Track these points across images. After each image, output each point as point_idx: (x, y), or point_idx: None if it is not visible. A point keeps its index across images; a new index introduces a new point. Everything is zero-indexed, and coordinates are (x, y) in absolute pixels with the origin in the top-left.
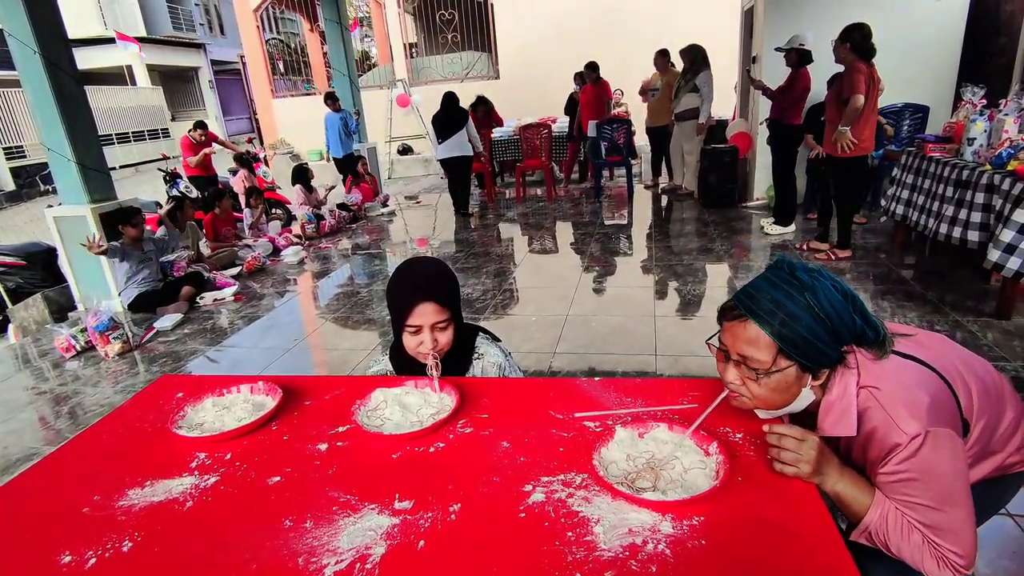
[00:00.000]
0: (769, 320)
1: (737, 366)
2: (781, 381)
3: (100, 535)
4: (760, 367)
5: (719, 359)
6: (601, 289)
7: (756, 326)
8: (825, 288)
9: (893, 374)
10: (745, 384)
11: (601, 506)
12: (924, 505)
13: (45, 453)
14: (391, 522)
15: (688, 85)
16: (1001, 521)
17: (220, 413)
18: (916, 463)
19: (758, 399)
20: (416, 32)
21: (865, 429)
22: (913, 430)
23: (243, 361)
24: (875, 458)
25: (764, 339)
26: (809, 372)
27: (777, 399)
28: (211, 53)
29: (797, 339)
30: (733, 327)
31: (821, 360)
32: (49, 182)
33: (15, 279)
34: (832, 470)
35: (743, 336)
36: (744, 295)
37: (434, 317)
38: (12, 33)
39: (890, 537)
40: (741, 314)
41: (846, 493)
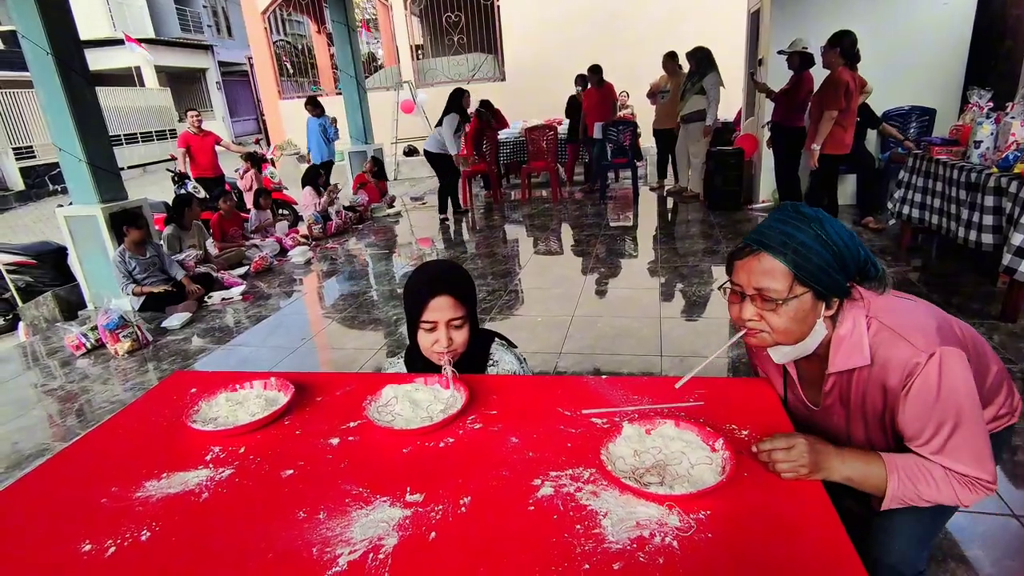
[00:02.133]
0: (782, 250)
1: (753, 301)
2: (798, 309)
3: (119, 525)
4: (778, 295)
5: (733, 301)
6: (607, 290)
7: (770, 257)
8: (831, 221)
9: (898, 304)
10: (763, 319)
11: (609, 500)
12: (948, 428)
13: (56, 450)
14: (403, 514)
15: (695, 87)
16: (1006, 522)
17: (234, 408)
18: (937, 381)
19: (777, 331)
20: (422, 34)
21: (881, 358)
22: (929, 348)
23: (251, 360)
24: (896, 385)
25: (779, 268)
26: (823, 300)
27: (795, 328)
28: (219, 54)
29: (810, 265)
30: (747, 263)
31: (833, 287)
32: (58, 182)
33: (25, 278)
34: (832, 460)
35: (758, 269)
36: (755, 234)
37: (450, 313)
38: (26, 35)
39: (920, 490)
40: (755, 249)
41: (856, 474)
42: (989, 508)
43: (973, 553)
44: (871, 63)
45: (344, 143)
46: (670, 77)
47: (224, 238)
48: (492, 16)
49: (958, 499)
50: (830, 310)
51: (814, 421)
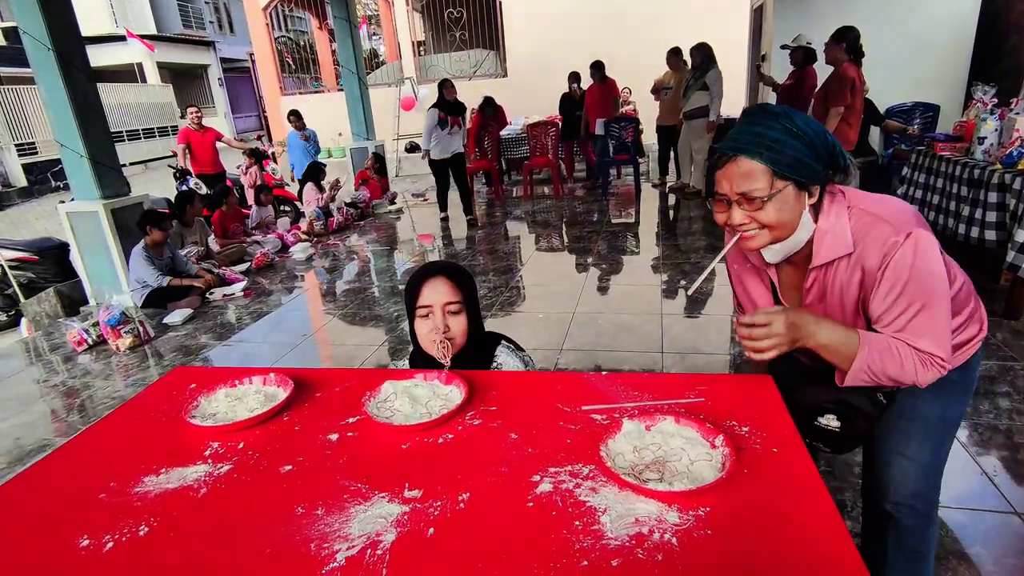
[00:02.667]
0: (757, 150)
1: (740, 205)
2: (783, 202)
3: (117, 520)
4: (761, 193)
5: (720, 210)
6: (608, 287)
7: (747, 159)
8: (796, 114)
9: (875, 195)
10: (753, 219)
11: (608, 496)
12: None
13: (58, 445)
14: (401, 510)
15: (697, 83)
16: (1008, 519)
17: (233, 404)
18: (912, 260)
19: (769, 226)
20: (424, 30)
21: (862, 243)
22: (906, 228)
23: (252, 356)
24: (873, 266)
25: (757, 168)
26: (804, 191)
27: (785, 220)
28: (220, 51)
29: (785, 159)
30: (726, 170)
31: (810, 175)
32: (60, 178)
33: (28, 274)
34: (809, 327)
35: (738, 173)
36: (729, 142)
37: (445, 296)
38: (27, 31)
39: (886, 364)
40: (731, 156)
41: (831, 341)
42: (991, 505)
43: (975, 551)
44: (874, 59)
45: (346, 140)
46: (674, 73)
47: (225, 234)
48: (494, 12)
49: (916, 377)
50: (812, 198)
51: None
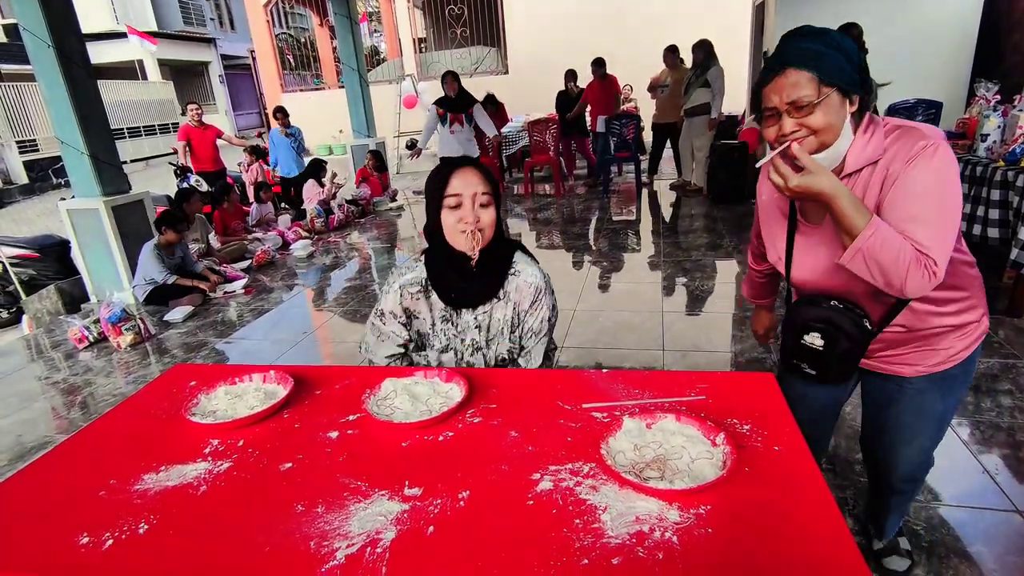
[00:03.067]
0: (803, 61)
1: (789, 115)
2: (829, 106)
3: (117, 518)
4: (810, 99)
5: (770, 124)
6: (609, 284)
7: (794, 70)
8: (833, 31)
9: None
10: (802, 125)
11: (608, 494)
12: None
13: (58, 441)
14: (401, 508)
15: (699, 80)
16: (1009, 517)
17: (233, 401)
18: (937, 164)
19: (818, 130)
20: (425, 27)
21: (892, 147)
22: (936, 139)
23: (253, 353)
24: (898, 168)
25: (804, 77)
26: (847, 97)
27: (832, 123)
28: (221, 48)
29: (829, 67)
30: (775, 84)
31: (851, 82)
32: (61, 175)
33: (29, 271)
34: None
35: (787, 84)
36: (773, 59)
37: (476, 187)
38: (26, 27)
39: (887, 247)
40: (779, 70)
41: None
42: (991, 504)
43: (976, 549)
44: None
45: (347, 137)
46: (671, 71)
47: (226, 232)
48: (495, 9)
49: (906, 276)
50: (854, 106)
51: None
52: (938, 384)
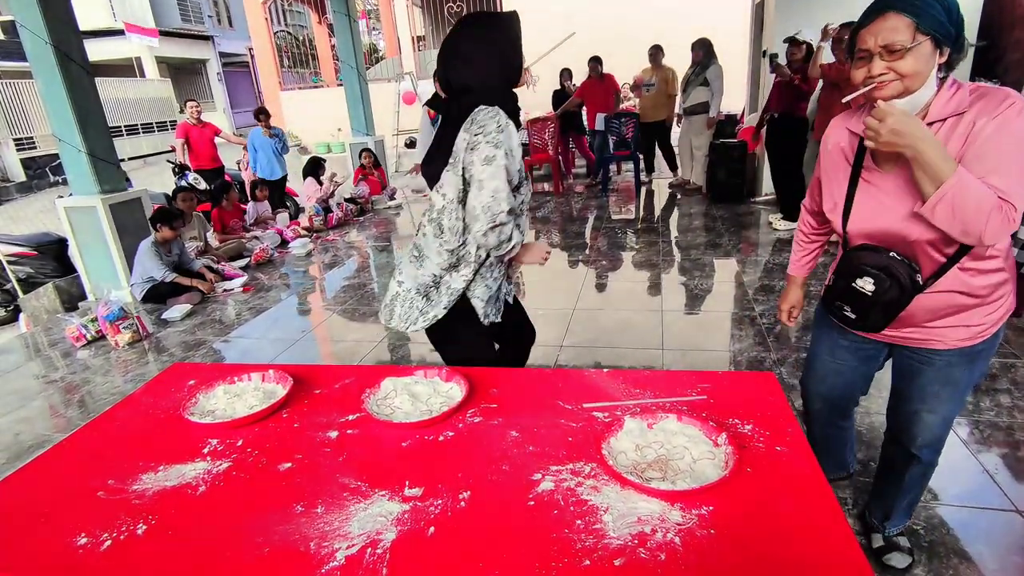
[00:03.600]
0: (904, 6)
1: (881, 57)
2: (920, 54)
3: (115, 518)
4: (903, 44)
5: (860, 66)
6: (608, 283)
7: (895, 15)
8: None
9: None
10: (891, 69)
11: (610, 495)
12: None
13: (56, 440)
14: (401, 508)
15: (698, 79)
16: (1010, 517)
17: (232, 400)
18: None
19: (906, 75)
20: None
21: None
22: (1019, 96)
23: (251, 352)
24: (982, 123)
25: (903, 22)
26: (938, 48)
27: (920, 70)
28: (219, 45)
29: (928, 15)
30: (873, 27)
31: (946, 35)
32: (59, 173)
33: (26, 269)
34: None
35: (885, 28)
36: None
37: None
38: (24, 24)
39: (970, 194)
40: (881, 11)
41: (931, 155)
42: (992, 503)
43: (976, 549)
44: None
45: (346, 135)
46: (655, 70)
47: (224, 230)
48: (494, 6)
49: (988, 222)
50: (943, 58)
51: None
52: (966, 358)
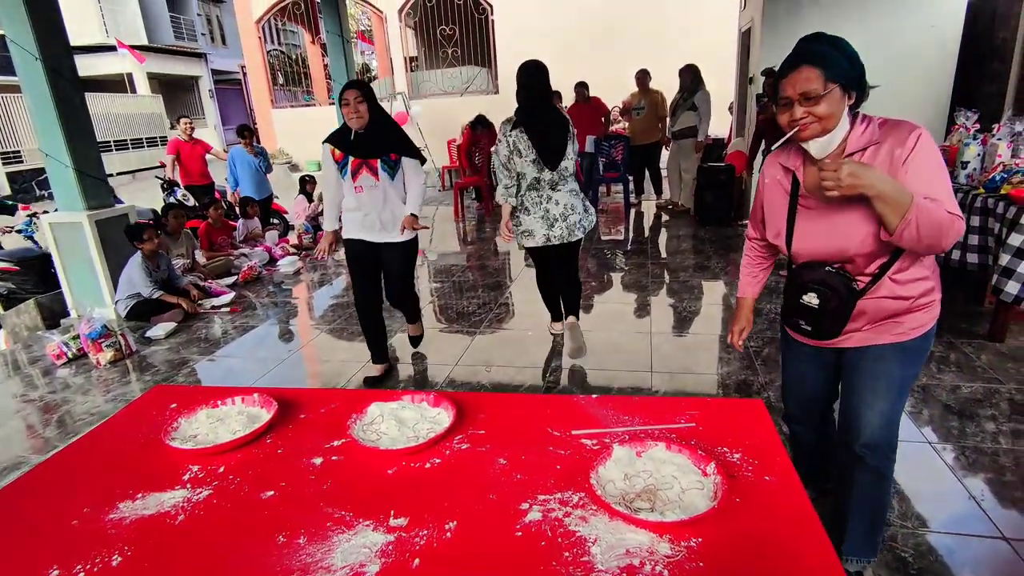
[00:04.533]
0: (814, 60)
1: (800, 103)
2: (832, 99)
3: (89, 549)
4: (817, 92)
5: (783, 112)
6: (597, 305)
7: (807, 67)
8: (843, 40)
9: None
10: (809, 113)
11: (598, 526)
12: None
13: (33, 462)
14: (386, 539)
15: (686, 104)
16: (995, 544)
17: (214, 425)
18: (929, 148)
19: (821, 118)
20: (417, 46)
21: (888, 136)
22: (920, 129)
23: (237, 371)
24: (901, 152)
25: (815, 73)
26: (846, 93)
27: (833, 112)
28: (212, 63)
29: (835, 67)
30: (791, 79)
31: (851, 80)
32: (45, 187)
33: (8, 284)
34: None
35: (801, 78)
36: (791, 57)
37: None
38: (14, 39)
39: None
40: (796, 65)
41: (892, 190)
42: (978, 531)
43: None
44: None
45: None
46: (642, 94)
47: (212, 247)
48: (486, 30)
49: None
50: (851, 100)
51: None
52: (897, 353)
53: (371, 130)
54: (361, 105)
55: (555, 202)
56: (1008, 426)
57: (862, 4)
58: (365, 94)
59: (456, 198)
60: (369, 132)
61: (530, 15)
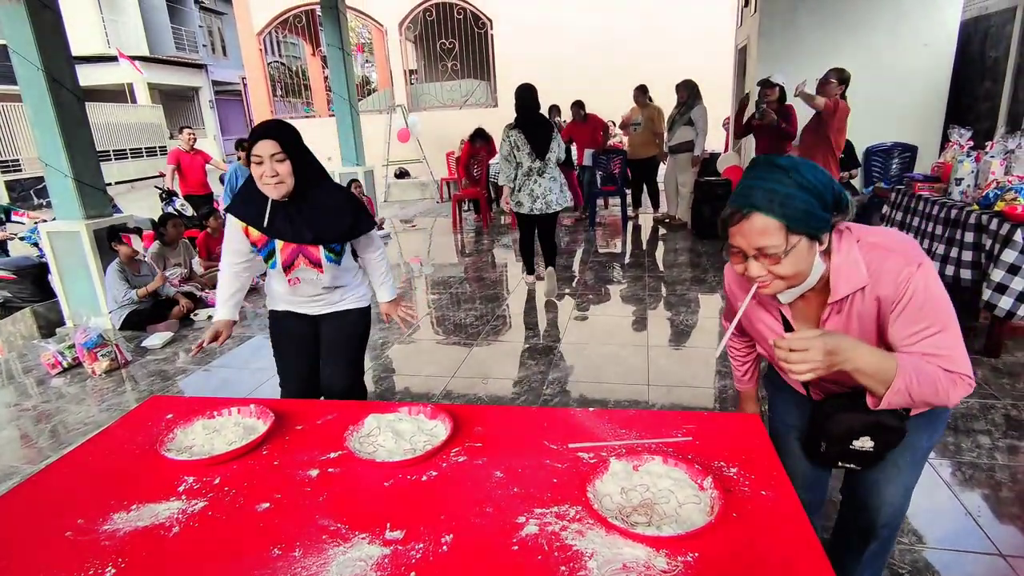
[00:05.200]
0: (770, 207)
1: (757, 259)
2: (798, 255)
3: (82, 561)
4: (777, 250)
5: (737, 262)
6: (594, 317)
7: (761, 216)
8: (805, 166)
9: (880, 229)
10: (769, 272)
11: (595, 540)
12: (936, 329)
13: (25, 472)
14: (382, 552)
15: (683, 118)
16: (992, 560)
17: (210, 436)
18: (925, 288)
19: (785, 278)
20: (416, 59)
21: (877, 274)
22: (916, 261)
23: (233, 382)
24: (890, 295)
25: (772, 224)
26: (816, 240)
27: (800, 270)
28: (212, 73)
29: (798, 214)
30: (741, 227)
31: (821, 226)
32: (43, 196)
33: (4, 293)
34: (848, 351)
35: (753, 231)
36: (740, 196)
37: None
38: (16, 50)
39: (922, 385)
40: (745, 212)
41: (869, 366)
42: (975, 547)
43: None
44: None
45: (335, 164)
46: (640, 109)
47: (210, 257)
48: (486, 44)
49: (948, 396)
50: (823, 245)
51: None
52: (923, 422)
53: (301, 199)
54: (282, 164)
55: (538, 184)
56: (1004, 442)
57: (857, 23)
58: (287, 145)
59: (454, 210)
60: (298, 202)
61: (529, 30)
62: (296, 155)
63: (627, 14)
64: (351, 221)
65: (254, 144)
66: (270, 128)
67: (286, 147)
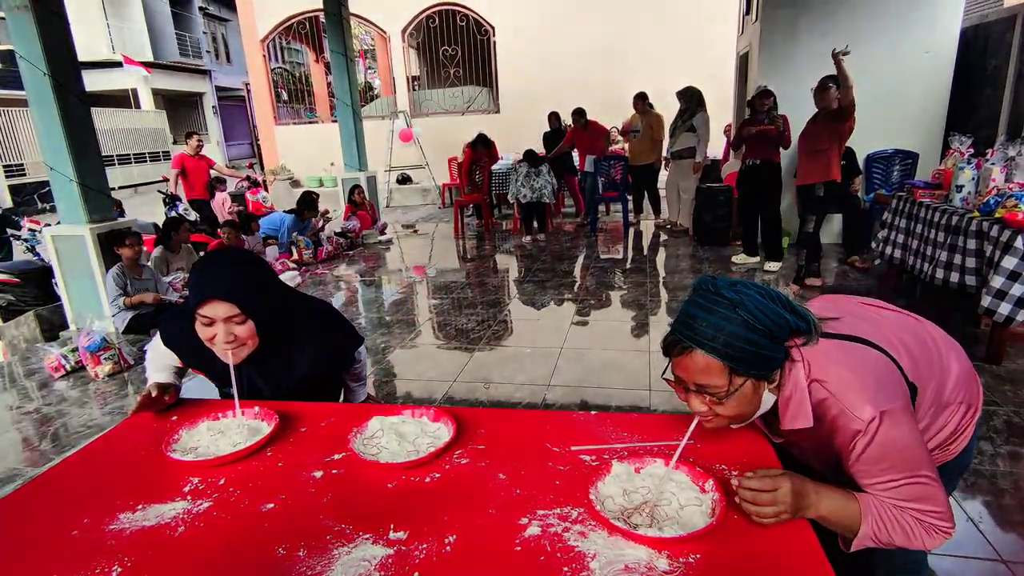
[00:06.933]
0: (713, 345)
1: (698, 395)
2: (743, 396)
3: (89, 560)
4: (718, 391)
5: (679, 392)
6: (596, 322)
7: (703, 354)
8: (753, 299)
9: (837, 360)
10: (711, 409)
11: (597, 541)
12: (901, 479)
13: (28, 474)
14: (385, 552)
15: (685, 125)
16: (994, 567)
17: (215, 437)
18: (879, 443)
19: (729, 418)
20: (419, 66)
21: (827, 419)
22: (868, 415)
23: None
24: (841, 445)
25: (714, 364)
26: (763, 380)
27: (745, 410)
28: (216, 79)
29: (744, 355)
30: (682, 361)
31: (770, 365)
32: (48, 200)
33: (8, 296)
34: (810, 499)
35: (694, 367)
36: (682, 326)
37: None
38: (24, 55)
39: (892, 531)
40: (687, 346)
41: (832, 514)
42: (977, 553)
43: None
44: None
45: (339, 170)
46: (640, 116)
47: None
48: (488, 50)
49: (924, 544)
50: (773, 383)
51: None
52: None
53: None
54: (241, 327)
55: (533, 183)
56: (1006, 448)
57: (858, 31)
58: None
59: (456, 215)
60: (267, 355)
61: (531, 37)
62: (259, 312)
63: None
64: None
65: (199, 303)
66: (222, 283)
67: (247, 307)
